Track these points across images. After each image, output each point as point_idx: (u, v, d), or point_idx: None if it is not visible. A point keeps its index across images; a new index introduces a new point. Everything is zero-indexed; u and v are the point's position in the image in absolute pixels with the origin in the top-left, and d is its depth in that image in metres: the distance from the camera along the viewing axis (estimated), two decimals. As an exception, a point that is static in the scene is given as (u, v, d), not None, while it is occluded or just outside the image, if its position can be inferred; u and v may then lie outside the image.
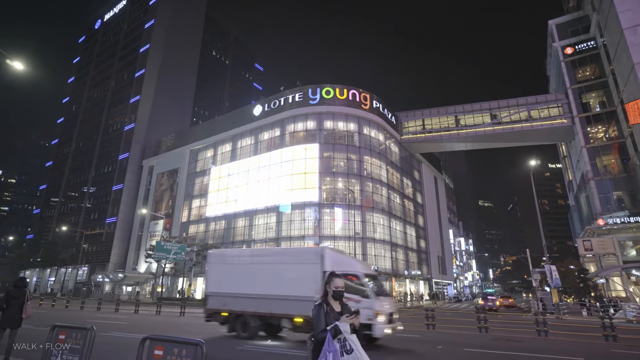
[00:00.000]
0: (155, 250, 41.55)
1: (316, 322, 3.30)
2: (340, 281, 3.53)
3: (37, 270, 79.03)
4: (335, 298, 3.50)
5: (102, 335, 12.04)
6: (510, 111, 53.62)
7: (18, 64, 16.35)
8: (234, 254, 15.09)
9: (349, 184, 45.87)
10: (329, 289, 3.53)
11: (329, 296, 3.51)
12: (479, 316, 15.49)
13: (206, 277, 14.94)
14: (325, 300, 3.47)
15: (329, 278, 3.57)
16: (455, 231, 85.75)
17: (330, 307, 3.41)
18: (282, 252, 15.40)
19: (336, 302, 3.51)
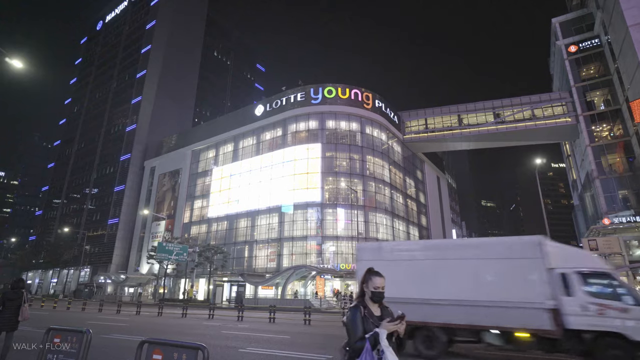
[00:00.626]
0: (157, 251, 41.38)
1: (352, 328, 2.81)
2: (380, 280, 3.00)
3: (39, 272, 79.05)
4: (374, 300, 2.98)
5: (101, 338, 11.80)
6: (513, 110, 53.21)
7: (17, 62, 16.18)
8: (400, 248, 12.26)
9: (352, 183, 45.56)
10: (366, 288, 3.01)
11: (367, 298, 3.00)
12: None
13: (357, 277, 11.99)
14: (362, 302, 2.96)
15: (366, 276, 3.06)
16: (458, 231, 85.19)
17: (368, 310, 2.90)
18: (475, 244, 11.41)
19: (375, 305, 2.99)
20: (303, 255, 43.31)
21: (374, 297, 2.96)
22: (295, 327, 17.40)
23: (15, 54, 16.65)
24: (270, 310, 19.56)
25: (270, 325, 17.80)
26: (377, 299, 2.97)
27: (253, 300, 37.62)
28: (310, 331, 15.64)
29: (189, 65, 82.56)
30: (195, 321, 19.80)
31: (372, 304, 2.97)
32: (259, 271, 45.30)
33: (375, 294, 2.95)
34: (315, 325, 18.38)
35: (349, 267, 41.60)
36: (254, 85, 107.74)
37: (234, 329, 16.00)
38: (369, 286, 2.98)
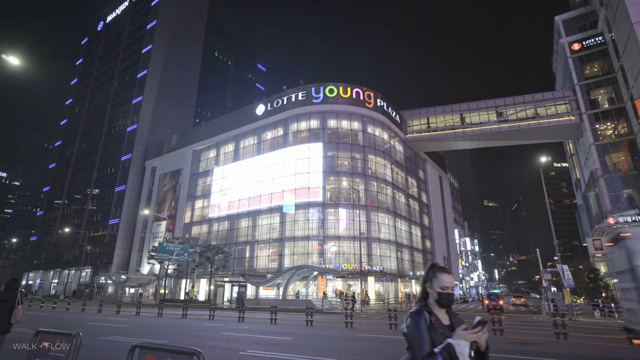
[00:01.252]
0: (157, 252, 41.12)
1: (416, 339, 2.17)
2: (448, 278, 2.36)
3: (40, 273, 78.90)
4: (441, 304, 2.33)
5: (99, 340, 11.49)
6: (516, 108, 52.82)
7: (14, 59, 15.89)
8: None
9: (354, 183, 45.22)
10: (429, 289, 2.37)
11: (431, 300, 2.35)
12: (493, 317, 14.81)
13: (620, 273, 8.21)
14: (426, 307, 2.33)
15: (429, 273, 2.42)
16: (461, 231, 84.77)
17: (435, 317, 2.29)
18: None
19: (442, 310, 2.35)
20: (305, 255, 42.97)
21: (442, 300, 2.31)
22: (297, 328, 17.07)
23: (14, 53, 16.34)
24: (272, 311, 19.24)
25: (272, 327, 17.47)
26: (446, 302, 2.33)
27: (254, 300, 37.30)
28: (312, 332, 15.30)
29: (189, 65, 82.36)
30: (196, 322, 19.49)
31: (439, 308, 2.33)
32: (260, 271, 44.99)
33: (443, 295, 2.32)
34: (318, 326, 18.04)
35: (351, 267, 41.24)
36: (254, 85, 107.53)
37: (235, 330, 15.68)
38: (434, 286, 2.34)
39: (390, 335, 14.37)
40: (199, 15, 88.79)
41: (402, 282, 48.31)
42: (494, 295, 37.55)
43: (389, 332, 15.63)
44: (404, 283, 49.15)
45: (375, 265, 42.56)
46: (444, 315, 2.35)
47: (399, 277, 46.76)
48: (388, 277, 45.03)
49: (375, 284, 44.44)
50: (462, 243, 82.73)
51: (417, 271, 53.37)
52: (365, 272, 37.42)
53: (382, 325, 18.31)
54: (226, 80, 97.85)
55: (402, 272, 47.86)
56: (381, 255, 44.22)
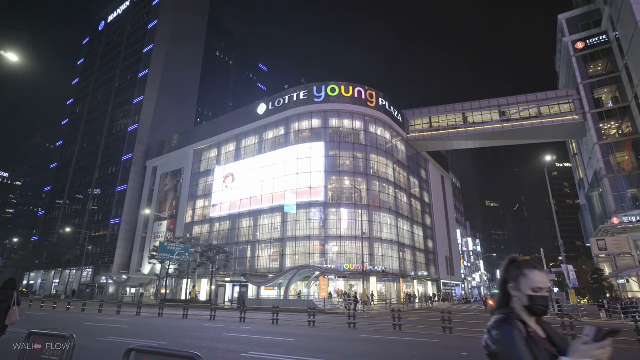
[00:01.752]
0: (158, 251, 40.94)
1: (513, 356, 1.61)
2: (542, 276, 1.82)
3: (41, 272, 78.84)
4: (534, 312, 1.76)
5: (97, 341, 11.26)
6: (519, 108, 52.49)
7: (12, 55, 15.68)
8: None
9: (355, 183, 44.96)
10: (514, 291, 1.82)
11: (517, 306, 1.80)
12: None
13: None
14: (516, 315, 1.77)
15: (513, 270, 1.87)
16: (463, 231, 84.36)
17: (531, 328, 1.74)
18: None
19: (531, 319, 1.78)
20: (306, 255, 42.73)
21: (536, 306, 1.74)
22: (300, 329, 16.82)
23: (14, 50, 16.16)
24: (274, 311, 19.00)
25: (274, 327, 17.22)
26: (541, 309, 1.75)
27: (256, 301, 37.08)
28: (315, 333, 15.05)
29: (191, 64, 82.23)
30: (197, 322, 19.25)
31: (529, 316, 1.76)
32: (261, 271, 44.76)
33: (537, 299, 1.75)
34: (320, 327, 17.79)
35: (353, 267, 40.99)
36: (256, 84, 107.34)
37: (236, 331, 15.44)
38: (522, 287, 1.78)
39: (394, 337, 14.10)
40: (200, 14, 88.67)
41: (404, 282, 48.00)
42: (494, 296, 37.20)
43: (392, 333, 15.36)
44: (406, 283, 48.85)
45: (377, 266, 42.30)
46: (535, 325, 1.78)
47: (401, 278, 46.46)
48: (390, 277, 44.74)
49: (377, 284, 44.15)
50: (464, 243, 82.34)
51: (420, 271, 53.08)
52: (367, 272, 37.17)
53: (385, 326, 18.05)
54: (227, 80, 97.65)
55: (404, 272, 47.58)
56: (383, 256, 43.94)
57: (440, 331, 15.22)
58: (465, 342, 12.74)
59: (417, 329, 16.94)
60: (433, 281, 57.57)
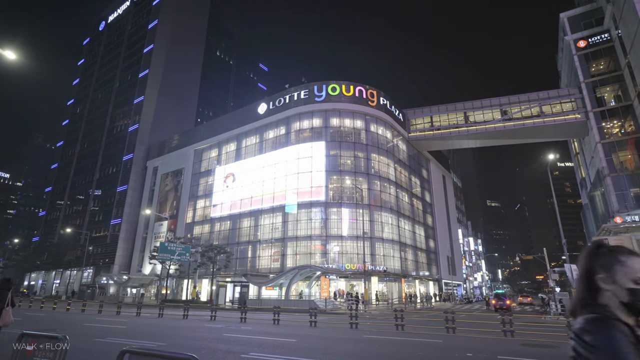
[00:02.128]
0: (159, 252, 40.75)
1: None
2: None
3: (42, 273, 78.73)
4: (635, 310, 1.43)
5: (95, 342, 11.08)
6: (521, 107, 52.26)
7: (10, 53, 15.53)
8: None
9: (357, 182, 44.75)
10: (608, 284, 1.49)
11: (611, 303, 1.47)
12: (504, 319, 14.30)
13: None
14: (612, 314, 1.43)
15: (606, 258, 1.53)
16: (464, 231, 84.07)
17: (638, 332, 1.41)
18: None
19: (631, 317, 1.44)
20: (307, 255, 42.54)
21: (638, 302, 1.42)
22: (301, 329, 16.63)
23: (12, 49, 15.98)
24: (275, 311, 18.81)
25: (275, 327, 17.03)
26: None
27: (257, 301, 36.88)
28: (317, 334, 14.85)
29: (191, 64, 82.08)
30: (197, 323, 19.07)
31: (627, 315, 1.43)
32: (262, 271, 44.57)
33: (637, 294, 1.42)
34: (322, 327, 17.60)
35: (354, 267, 40.78)
36: (256, 84, 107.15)
37: (237, 331, 15.26)
38: (619, 278, 1.46)
39: (397, 337, 13.90)
40: (200, 14, 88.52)
41: (405, 282, 47.77)
42: (501, 295, 37.06)
43: (395, 333, 15.17)
44: (407, 283, 48.62)
45: (378, 265, 42.09)
46: (634, 322, 1.44)
47: (402, 277, 46.23)
48: (391, 277, 44.52)
49: (378, 284, 43.93)
50: (465, 243, 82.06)
51: (421, 271, 52.84)
52: (368, 272, 36.96)
53: (387, 326, 17.85)
54: (228, 80, 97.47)
55: (405, 272, 47.35)
56: (384, 255, 43.73)
57: (443, 331, 15.03)
58: (469, 342, 12.53)
59: (420, 329, 16.74)
60: (435, 281, 57.33)
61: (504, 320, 14.20)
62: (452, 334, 14.54)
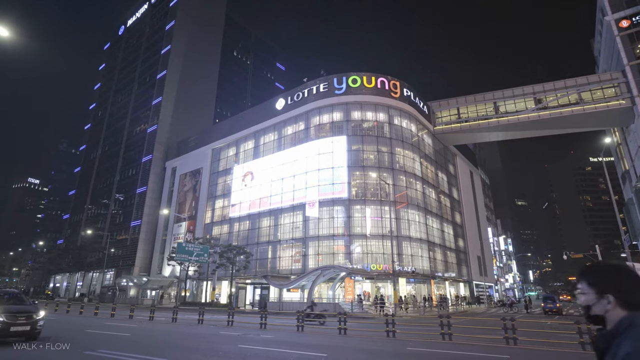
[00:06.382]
0: (177, 252, 39.40)
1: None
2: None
3: (67, 275, 79.50)
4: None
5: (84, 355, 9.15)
6: (557, 94, 48.48)
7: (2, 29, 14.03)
8: None
9: (381, 178, 42.16)
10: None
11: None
12: (579, 327, 11.60)
13: None
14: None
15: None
16: (494, 230, 79.70)
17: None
18: None
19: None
20: (330, 255, 40.26)
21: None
22: (330, 338, 14.38)
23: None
24: (298, 316, 16.62)
25: (299, 336, 14.85)
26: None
27: (277, 304, 34.88)
28: (350, 344, 12.56)
29: (208, 65, 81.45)
30: (211, 329, 17.11)
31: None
32: (283, 273, 42.57)
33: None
34: (353, 335, 15.30)
35: (380, 267, 38.22)
36: (274, 84, 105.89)
37: (255, 341, 13.15)
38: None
39: (447, 350, 11.45)
40: (216, 14, 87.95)
41: (435, 284, 44.75)
42: (549, 298, 33.88)
43: (443, 344, 12.68)
44: (436, 285, 45.56)
45: (406, 266, 39.36)
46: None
47: (431, 278, 43.27)
48: (420, 278, 41.67)
49: (406, 286, 41.13)
50: (495, 242, 77.73)
51: (451, 272, 49.63)
52: (396, 273, 34.33)
53: (430, 334, 15.32)
54: (245, 79, 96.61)
55: (435, 272, 44.36)
56: (412, 255, 40.96)
57: (500, 342, 12.46)
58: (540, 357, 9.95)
59: (470, 338, 14.16)
60: (465, 282, 53.90)
61: (581, 329, 11.49)
62: (513, 346, 11.96)
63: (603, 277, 1.63)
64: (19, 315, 10.26)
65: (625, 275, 1.59)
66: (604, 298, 1.57)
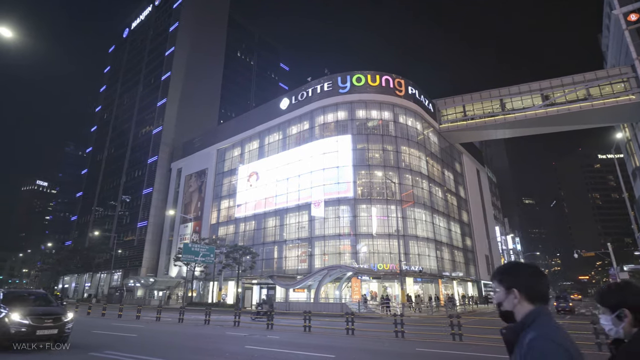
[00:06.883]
0: (183, 253, 39.45)
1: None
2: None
3: (75, 276, 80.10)
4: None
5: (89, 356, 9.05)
6: (565, 90, 47.80)
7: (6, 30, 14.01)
8: None
9: (386, 176, 41.85)
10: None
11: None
12: (595, 327, 11.29)
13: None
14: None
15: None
16: (501, 229, 78.87)
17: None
18: None
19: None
20: (336, 255, 40.04)
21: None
22: (338, 338, 14.19)
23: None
24: (305, 316, 16.45)
25: (306, 336, 14.67)
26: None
27: (284, 304, 34.75)
28: (357, 345, 12.35)
29: (212, 66, 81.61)
30: (218, 330, 16.99)
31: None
32: (289, 273, 42.43)
33: None
34: (361, 335, 15.09)
35: (387, 267, 37.92)
36: (278, 84, 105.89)
37: (262, 341, 12.99)
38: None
39: (457, 351, 11.19)
40: (220, 16, 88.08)
41: (442, 283, 44.33)
42: (562, 297, 33.42)
43: (453, 345, 12.43)
44: (444, 284, 45.14)
45: (413, 265, 39.02)
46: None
47: (439, 278, 42.86)
48: (427, 277, 41.29)
49: (413, 285, 40.78)
50: (503, 241, 76.93)
51: (458, 271, 49.16)
52: (403, 273, 34.02)
53: (439, 334, 15.06)
54: (249, 80, 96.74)
55: (442, 272, 43.94)
56: (420, 254, 40.60)
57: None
58: None
59: (481, 339, 13.87)
60: (473, 282, 53.39)
61: (597, 329, 11.18)
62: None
63: (509, 273, 1.76)
64: (45, 317, 9.62)
65: (529, 271, 1.73)
66: (512, 293, 1.68)
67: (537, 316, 1.58)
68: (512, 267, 1.78)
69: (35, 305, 10.44)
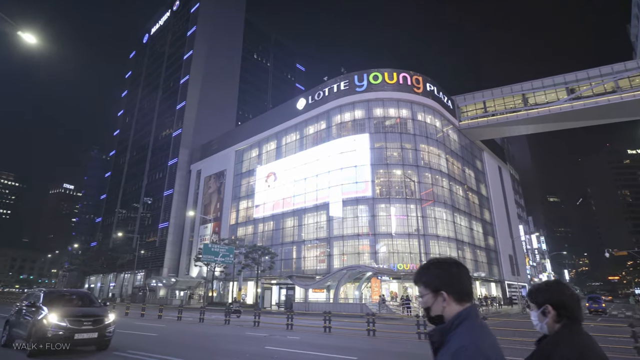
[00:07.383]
0: (203, 253, 39.93)
1: None
2: None
3: (100, 276, 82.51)
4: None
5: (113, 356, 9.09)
6: (591, 83, 45.97)
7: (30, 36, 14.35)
8: None
9: (405, 175, 41.20)
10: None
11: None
12: (634, 331, 10.61)
13: None
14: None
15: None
16: (526, 228, 76.47)
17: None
18: None
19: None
20: (355, 255, 39.70)
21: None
22: (359, 340, 13.91)
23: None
24: (325, 317, 16.24)
25: (327, 337, 14.45)
26: None
27: (303, 304, 34.65)
28: (379, 347, 12.05)
29: (229, 68, 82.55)
30: (238, 330, 16.99)
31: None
32: (308, 273, 42.33)
33: None
34: (382, 337, 14.77)
35: (407, 267, 37.31)
36: (294, 85, 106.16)
37: (282, 342, 12.85)
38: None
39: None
40: (236, 18, 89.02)
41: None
42: (595, 298, 32.27)
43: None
44: (466, 285, 44.01)
45: (434, 265, 38.18)
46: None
47: (461, 278, 41.81)
48: (449, 278, 40.34)
49: (434, 286, 39.94)
50: (527, 241, 74.58)
51: (481, 272, 47.97)
52: (424, 273, 33.35)
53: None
54: (266, 82, 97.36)
55: (464, 272, 42.85)
56: (441, 254, 39.66)
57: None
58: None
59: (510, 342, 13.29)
60: (497, 282, 51.96)
61: (635, 333, 10.50)
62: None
63: (433, 274, 1.65)
64: (84, 319, 8.71)
65: (453, 268, 1.65)
66: (440, 295, 1.59)
67: (465, 319, 1.51)
68: (434, 266, 1.69)
69: (76, 305, 9.80)
